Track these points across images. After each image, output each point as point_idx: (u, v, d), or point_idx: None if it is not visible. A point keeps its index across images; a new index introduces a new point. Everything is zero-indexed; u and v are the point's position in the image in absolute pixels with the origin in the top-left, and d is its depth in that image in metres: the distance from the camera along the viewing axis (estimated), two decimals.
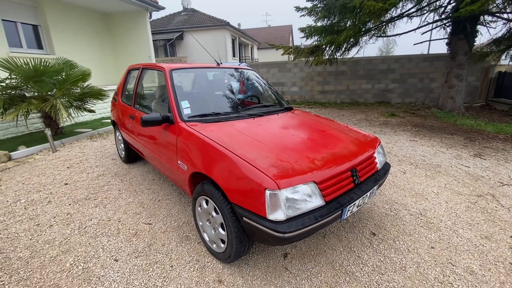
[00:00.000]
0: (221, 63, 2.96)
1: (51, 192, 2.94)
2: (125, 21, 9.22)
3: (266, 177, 1.43)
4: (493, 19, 7.37)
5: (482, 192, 2.96)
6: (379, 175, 2.04)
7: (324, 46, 8.23)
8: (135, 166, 3.71)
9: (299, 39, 9.92)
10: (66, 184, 3.15)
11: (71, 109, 5.10)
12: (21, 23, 6.93)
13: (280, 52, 8.89)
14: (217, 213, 1.75)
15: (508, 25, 7.43)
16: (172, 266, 1.84)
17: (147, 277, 1.74)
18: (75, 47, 8.12)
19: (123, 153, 3.72)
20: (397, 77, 9.65)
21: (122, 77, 3.55)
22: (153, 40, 16.52)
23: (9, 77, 4.48)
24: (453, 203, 2.73)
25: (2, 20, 6.30)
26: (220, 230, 1.75)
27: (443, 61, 9.03)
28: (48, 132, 4.28)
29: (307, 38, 8.47)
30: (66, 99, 4.78)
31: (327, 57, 8.49)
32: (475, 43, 7.37)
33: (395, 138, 5.08)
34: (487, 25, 7.45)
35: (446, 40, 7.62)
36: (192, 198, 2.00)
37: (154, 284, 1.68)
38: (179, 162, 2.08)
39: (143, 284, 1.69)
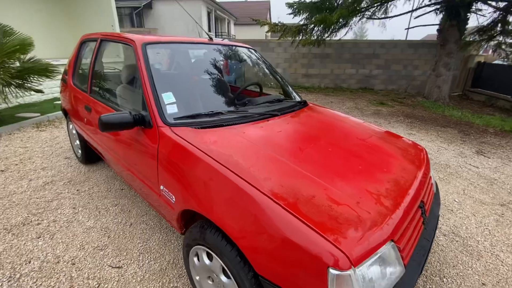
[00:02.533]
0: (211, 38, 2.18)
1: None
2: None
3: (328, 244, 0.84)
4: (484, 7, 7.20)
5: (504, 200, 2.69)
6: (437, 201, 1.55)
7: (313, 26, 7.56)
8: (97, 169, 2.89)
9: (276, 18, 9.09)
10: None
11: (7, 89, 3.96)
12: None
13: (258, 30, 8.19)
14: (228, 277, 1.14)
15: (495, 14, 7.32)
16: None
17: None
18: (22, 12, 6.53)
19: (79, 151, 2.86)
20: (381, 62, 9.37)
21: (74, 51, 2.62)
22: (116, 8, 14.45)
23: None
24: (480, 216, 2.41)
25: None
26: None
27: (428, 48, 8.88)
28: None
29: (295, 15, 7.71)
30: (2, 76, 3.66)
31: (315, 37, 7.85)
32: (465, 31, 7.21)
33: (392, 131, 4.74)
34: (477, 13, 7.28)
35: (437, 27, 7.36)
36: (184, 244, 1.36)
37: None
38: (161, 187, 1.40)
39: None
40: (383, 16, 7.98)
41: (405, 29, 8.53)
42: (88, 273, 1.60)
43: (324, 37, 7.92)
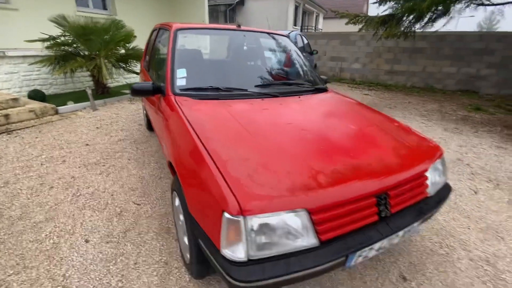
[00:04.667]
0: (239, 26, 2.37)
1: (70, 151, 2.99)
2: None
3: (229, 193, 0.97)
4: None
5: None
6: (429, 204, 1.36)
7: (400, 15, 6.71)
8: (155, 135, 3.58)
9: (375, 9, 8.32)
10: (87, 145, 3.19)
11: (114, 69, 5.21)
12: None
13: (350, 23, 7.60)
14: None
15: None
16: (136, 263, 1.59)
17: (105, 270, 1.53)
18: (136, 9, 8.28)
19: (145, 120, 3.60)
20: (496, 60, 7.48)
21: (148, 39, 3.30)
22: (214, 5, 16.24)
23: (63, 34, 4.70)
24: None
25: None
26: (185, 239, 1.39)
27: None
28: (88, 91, 4.44)
29: (380, 4, 7.02)
30: (111, 59, 4.87)
31: (402, 29, 6.94)
32: None
33: (473, 141, 3.89)
34: None
35: None
36: (170, 189, 1.67)
37: (108, 282, 1.46)
38: (163, 143, 1.75)
39: (97, 279, 1.48)
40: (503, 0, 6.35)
41: None
42: (118, 203, 2.13)
43: (413, 29, 6.92)
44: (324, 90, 2.17)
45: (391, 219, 1.21)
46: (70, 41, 4.79)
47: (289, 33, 6.19)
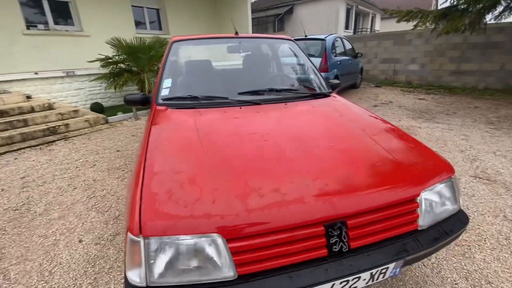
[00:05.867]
0: (237, 33, 2.29)
1: (102, 156, 3.35)
2: (231, 2, 9.55)
3: (137, 211, 0.90)
4: None
5: None
6: (419, 241, 1.05)
7: (465, 6, 5.72)
8: None
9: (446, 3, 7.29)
10: (118, 151, 3.53)
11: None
12: (146, 7, 8.23)
13: (407, 24, 6.84)
14: None
15: None
16: (110, 268, 1.64)
17: (82, 272, 1.61)
18: (187, 27, 9.06)
19: None
20: None
21: None
22: (263, 17, 16.63)
23: (117, 53, 5.40)
24: None
25: (132, 6, 7.64)
26: None
27: None
28: None
29: None
30: (152, 74, 5.38)
31: (467, 21, 5.89)
32: None
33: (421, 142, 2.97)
34: None
35: None
36: None
37: (80, 284, 1.53)
38: None
39: (73, 279, 1.56)
40: None
41: None
42: (119, 207, 2.27)
43: (483, 20, 5.80)
44: (324, 95, 1.93)
45: (351, 255, 0.96)
46: (121, 59, 5.48)
47: (325, 37, 5.87)
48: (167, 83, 1.87)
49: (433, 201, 1.11)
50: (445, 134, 3.79)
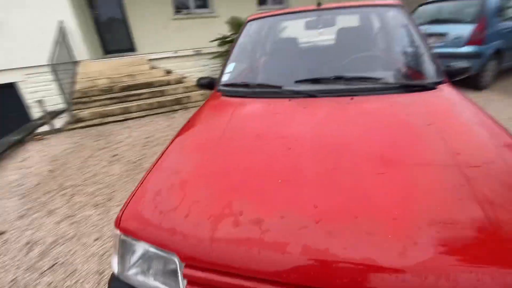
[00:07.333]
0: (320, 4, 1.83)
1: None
2: None
3: (125, 205, 0.93)
4: None
5: None
6: None
7: None
8: None
9: None
10: None
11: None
12: None
13: None
14: None
15: None
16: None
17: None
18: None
19: None
20: None
21: None
22: None
23: (233, 32, 5.83)
24: None
25: None
26: None
27: None
28: None
29: None
30: None
31: None
32: None
33: None
34: None
35: None
36: None
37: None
38: None
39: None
40: None
41: None
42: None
43: None
44: (424, 88, 1.32)
45: None
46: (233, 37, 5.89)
47: None
48: (230, 67, 1.81)
49: None
50: None
